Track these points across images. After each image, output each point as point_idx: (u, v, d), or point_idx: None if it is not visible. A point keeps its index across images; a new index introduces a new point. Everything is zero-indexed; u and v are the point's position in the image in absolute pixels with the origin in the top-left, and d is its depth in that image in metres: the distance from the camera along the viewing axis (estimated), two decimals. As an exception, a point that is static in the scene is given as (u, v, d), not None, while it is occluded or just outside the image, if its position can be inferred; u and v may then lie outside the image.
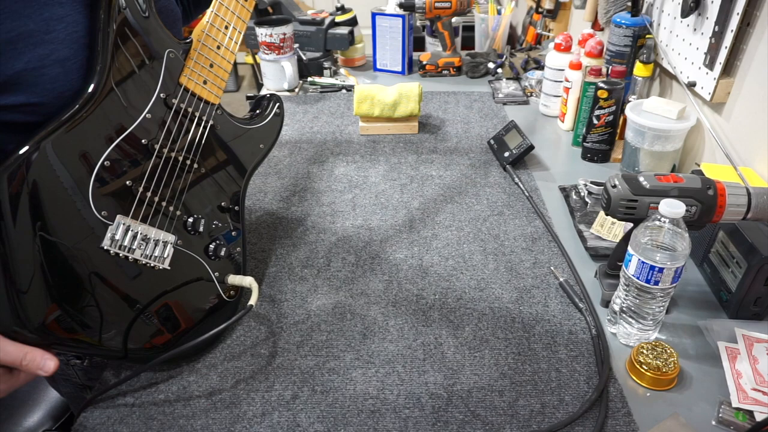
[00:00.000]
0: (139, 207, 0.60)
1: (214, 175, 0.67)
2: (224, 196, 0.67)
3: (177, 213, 0.63)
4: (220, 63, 0.66)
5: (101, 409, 0.67)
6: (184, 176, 0.64)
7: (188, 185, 0.64)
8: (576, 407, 0.66)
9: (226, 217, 0.68)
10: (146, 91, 0.61)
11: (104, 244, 0.58)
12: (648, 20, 1.20)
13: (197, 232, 0.66)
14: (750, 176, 0.88)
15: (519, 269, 0.88)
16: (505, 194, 1.07)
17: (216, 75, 0.65)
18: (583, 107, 1.19)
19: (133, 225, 0.59)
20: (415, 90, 1.27)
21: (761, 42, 0.90)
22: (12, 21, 0.59)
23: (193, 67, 0.64)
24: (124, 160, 0.59)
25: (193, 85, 0.64)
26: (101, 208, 0.57)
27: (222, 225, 0.70)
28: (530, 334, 0.76)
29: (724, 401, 0.66)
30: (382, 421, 0.65)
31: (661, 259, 0.66)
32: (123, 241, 0.59)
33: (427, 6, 1.54)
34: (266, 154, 0.75)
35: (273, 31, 1.44)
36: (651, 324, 0.72)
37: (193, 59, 0.64)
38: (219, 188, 0.67)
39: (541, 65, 1.64)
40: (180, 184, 0.63)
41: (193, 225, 0.64)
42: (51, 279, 0.55)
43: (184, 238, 0.66)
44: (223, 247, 0.68)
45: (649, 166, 1.08)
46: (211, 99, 0.66)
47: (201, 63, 0.65)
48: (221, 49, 0.66)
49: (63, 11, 0.63)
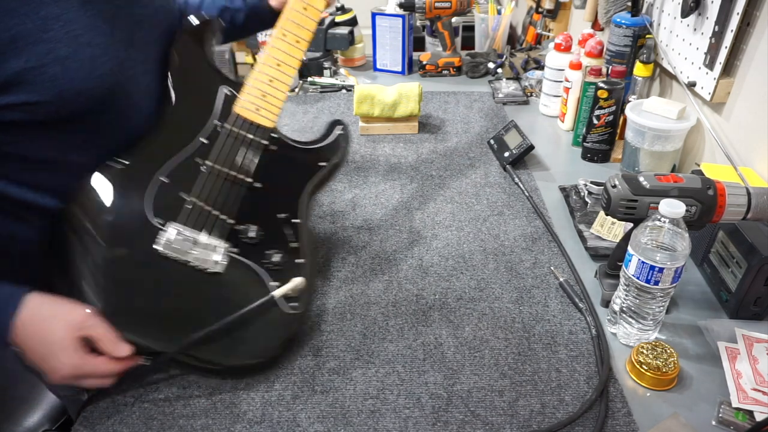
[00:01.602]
0: (192, 216, 0.66)
1: (270, 190, 0.71)
2: (281, 210, 0.71)
3: (230, 222, 0.67)
4: (273, 93, 0.73)
5: (101, 409, 0.67)
6: (239, 191, 0.69)
7: (243, 199, 0.68)
8: (576, 407, 0.66)
9: (283, 229, 0.71)
10: (203, 119, 0.71)
11: (158, 246, 0.63)
12: (648, 20, 1.20)
13: (252, 241, 0.69)
14: (750, 176, 0.88)
15: (519, 269, 0.88)
16: (505, 194, 1.07)
17: (269, 103, 0.73)
18: (583, 107, 1.19)
19: (185, 230, 0.64)
20: (415, 90, 1.27)
21: (761, 42, 0.90)
22: (10, 19, 0.59)
23: (246, 98, 0.72)
24: (180, 176, 0.67)
25: (247, 113, 0.72)
26: (157, 214, 0.64)
27: (279, 237, 0.71)
28: (530, 334, 0.76)
29: (724, 401, 0.66)
30: (382, 421, 0.65)
31: (661, 259, 0.66)
32: (175, 244, 0.64)
33: (427, 6, 1.54)
34: (332, 172, 0.78)
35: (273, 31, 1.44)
36: (651, 324, 0.72)
37: (246, 91, 0.72)
38: (276, 202, 0.71)
39: (541, 65, 1.64)
40: (234, 198, 0.68)
41: (247, 234, 0.68)
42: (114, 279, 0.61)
43: (239, 245, 0.68)
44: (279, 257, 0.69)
45: (649, 166, 1.08)
46: (266, 123, 0.72)
47: (254, 94, 0.72)
48: (273, 81, 0.73)
49: (59, 9, 0.63)
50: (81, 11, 0.64)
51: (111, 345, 0.63)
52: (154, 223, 0.64)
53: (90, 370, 0.63)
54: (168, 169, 0.67)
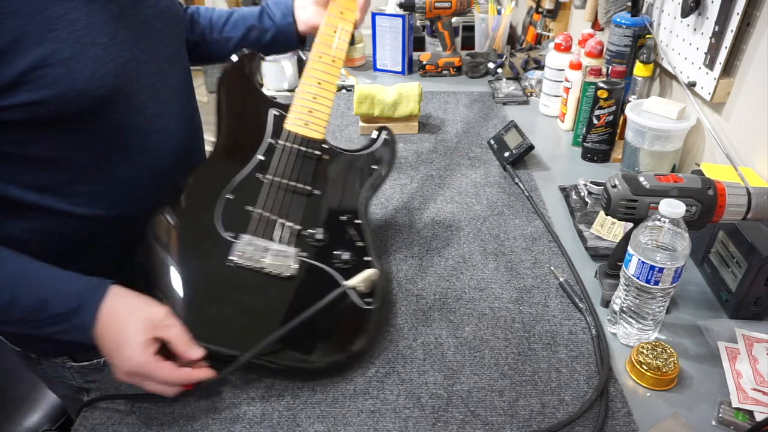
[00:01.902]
0: (260, 226, 0.70)
1: (329, 195, 0.76)
2: (343, 212, 0.74)
3: (296, 228, 0.71)
4: (318, 109, 0.79)
5: (101, 409, 0.67)
6: (300, 199, 0.74)
7: (305, 206, 0.73)
8: (576, 407, 0.66)
9: (347, 230, 0.74)
10: (258, 139, 0.77)
11: (232, 256, 0.67)
12: (648, 20, 1.20)
13: (319, 244, 0.72)
14: (750, 176, 0.88)
15: (519, 269, 0.88)
16: (505, 194, 1.07)
17: (316, 118, 0.79)
18: (583, 107, 1.19)
19: (256, 240, 0.68)
20: (415, 90, 1.27)
21: (761, 42, 0.90)
22: (14, 20, 0.59)
23: (294, 115, 0.79)
24: (244, 192, 0.72)
25: (297, 128, 0.78)
26: (228, 229, 0.69)
27: (344, 237, 0.74)
28: (530, 334, 0.76)
29: (724, 401, 0.66)
30: (382, 421, 0.65)
31: (661, 259, 0.66)
32: (248, 253, 0.68)
33: (427, 6, 1.54)
34: (385, 175, 0.83)
35: (273, 31, 1.44)
36: (651, 324, 0.72)
37: (294, 110, 0.79)
38: (337, 206, 0.75)
39: (541, 65, 1.64)
40: (297, 206, 0.73)
41: (314, 238, 0.71)
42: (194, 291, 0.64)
43: (307, 249, 0.71)
44: (348, 256, 0.72)
45: (649, 166, 1.08)
46: (315, 136, 0.78)
47: (301, 111, 0.79)
48: (317, 98, 0.80)
49: (63, 9, 0.63)
50: (84, 11, 0.64)
51: (184, 346, 0.63)
52: (226, 237, 0.68)
53: (152, 371, 0.62)
54: (232, 186, 0.72)
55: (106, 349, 0.63)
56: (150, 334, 0.62)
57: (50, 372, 0.89)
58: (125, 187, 0.75)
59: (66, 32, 0.62)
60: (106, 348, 0.63)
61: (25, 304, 0.62)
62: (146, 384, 0.63)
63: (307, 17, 0.96)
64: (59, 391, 0.96)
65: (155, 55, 0.75)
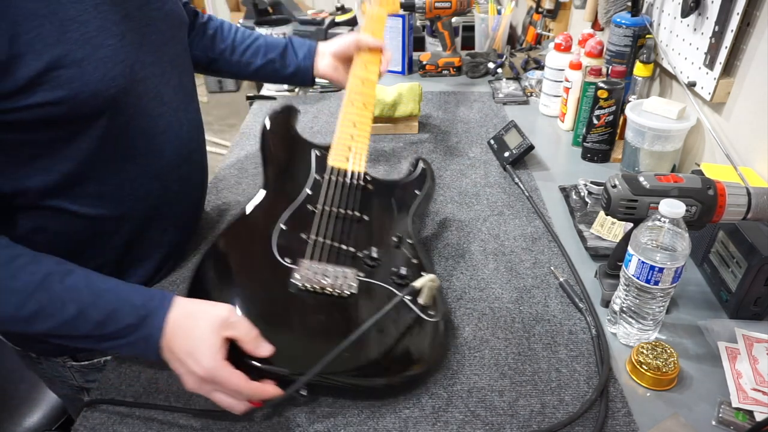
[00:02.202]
0: (316, 251, 0.74)
1: (378, 219, 0.81)
2: (394, 232, 0.79)
3: (351, 251, 0.75)
4: (356, 146, 0.87)
5: (101, 409, 0.67)
6: (351, 224, 0.79)
7: (356, 230, 0.78)
8: (576, 407, 0.66)
9: (400, 249, 0.78)
10: (305, 176, 0.84)
11: (293, 280, 0.70)
12: (648, 20, 1.20)
13: (375, 263, 0.76)
14: (750, 176, 0.88)
15: (519, 269, 0.88)
16: (505, 194, 1.07)
17: (356, 153, 0.86)
18: (583, 107, 1.19)
19: (313, 264, 0.72)
20: (415, 90, 1.27)
21: (761, 42, 0.90)
22: (31, 21, 0.59)
23: (336, 152, 0.86)
24: (297, 222, 0.77)
25: (339, 164, 0.85)
26: (284, 256, 0.73)
27: (398, 256, 0.77)
28: (530, 334, 0.76)
29: (724, 401, 0.66)
30: (382, 421, 0.65)
31: (661, 259, 0.66)
32: (308, 276, 0.70)
33: (427, 6, 1.54)
34: (428, 197, 0.90)
35: (273, 31, 1.44)
36: (651, 324, 0.72)
37: (335, 148, 0.87)
38: (387, 228, 0.80)
39: (541, 65, 1.64)
40: (348, 230, 0.77)
41: (370, 256, 0.75)
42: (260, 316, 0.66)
43: (364, 269, 0.74)
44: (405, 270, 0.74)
45: (649, 166, 1.08)
46: (357, 169, 0.85)
47: (341, 148, 0.87)
48: (354, 137, 0.88)
49: (75, 12, 0.64)
50: (94, 13, 0.65)
51: (254, 343, 0.62)
52: (285, 264, 0.72)
53: (225, 378, 0.60)
54: (284, 218, 0.77)
55: (176, 358, 0.62)
56: (220, 333, 0.61)
57: (51, 372, 0.89)
58: (130, 186, 0.75)
59: (78, 34, 0.63)
60: (175, 357, 0.62)
61: (93, 318, 0.61)
62: (216, 395, 0.61)
63: (323, 66, 1.04)
64: (60, 390, 0.96)
65: (160, 57, 0.76)
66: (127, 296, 0.64)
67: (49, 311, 0.60)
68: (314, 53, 1.04)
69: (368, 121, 0.91)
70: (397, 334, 0.68)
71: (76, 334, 0.62)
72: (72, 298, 0.61)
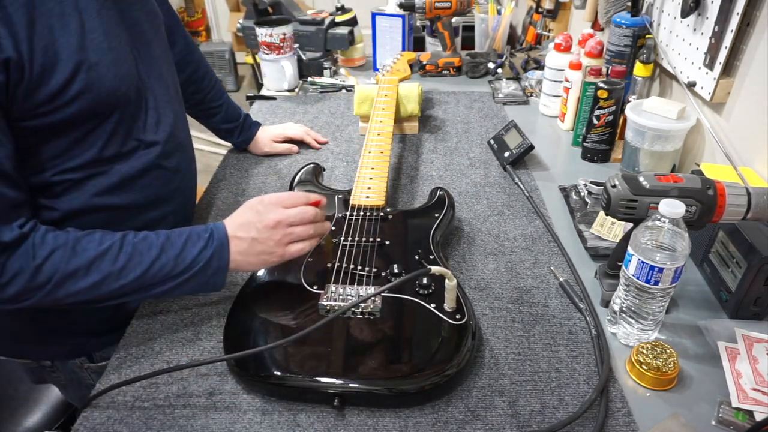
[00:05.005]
0: (341, 276, 0.79)
1: (399, 241, 0.86)
2: (416, 251, 0.84)
3: (374, 271, 0.80)
4: (375, 184, 0.96)
5: (101, 409, 0.67)
6: (373, 249, 0.84)
7: (378, 253, 0.83)
8: (576, 407, 0.66)
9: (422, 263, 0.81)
10: (330, 217, 0.91)
11: (322, 303, 0.75)
12: (648, 20, 1.20)
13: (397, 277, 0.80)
14: (750, 176, 0.88)
15: (519, 269, 0.88)
16: (505, 194, 1.07)
17: (375, 191, 0.95)
18: (583, 107, 1.19)
19: (339, 288, 0.77)
20: (415, 90, 1.27)
21: (761, 42, 0.90)
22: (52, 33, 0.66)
23: (358, 192, 0.95)
24: (322, 253, 0.84)
25: (360, 201, 0.93)
26: (312, 284, 0.78)
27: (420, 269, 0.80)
28: (530, 334, 0.76)
29: (724, 401, 0.66)
30: (382, 421, 0.65)
31: (661, 259, 0.66)
32: (334, 298, 0.75)
33: (427, 6, 1.54)
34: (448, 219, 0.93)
35: (273, 31, 1.44)
36: (651, 324, 0.72)
37: (357, 189, 0.96)
38: (409, 247, 0.85)
39: (541, 65, 1.64)
40: (371, 255, 0.83)
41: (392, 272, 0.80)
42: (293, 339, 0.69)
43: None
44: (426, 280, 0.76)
45: (649, 166, 1.08)
46: (378, 203, 0.93)
47: (362, 188, 0.96)
48: (373, 179, 0.98)
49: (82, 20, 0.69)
50: (98, 19, 0.71)
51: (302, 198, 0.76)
52: (313, 290, 0.77)
53: (299, 213, 0.74)
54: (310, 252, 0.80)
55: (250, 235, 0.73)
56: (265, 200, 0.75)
57: (66, 377, 0.92)
58: (131, 177, 0.80)
59: (88, 40, 0.69)
60: (249, 235, 0.73)
61: (172, 252, 0.70)
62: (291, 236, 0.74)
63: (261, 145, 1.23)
64: (75, 393, 0.98)
65: (148, 53, 0.82)
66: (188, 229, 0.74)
67: (137, 259, 0.69)
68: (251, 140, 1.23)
69: (385, 164, 1.01)
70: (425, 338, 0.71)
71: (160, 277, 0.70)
72: (149, 244, 0.71)
